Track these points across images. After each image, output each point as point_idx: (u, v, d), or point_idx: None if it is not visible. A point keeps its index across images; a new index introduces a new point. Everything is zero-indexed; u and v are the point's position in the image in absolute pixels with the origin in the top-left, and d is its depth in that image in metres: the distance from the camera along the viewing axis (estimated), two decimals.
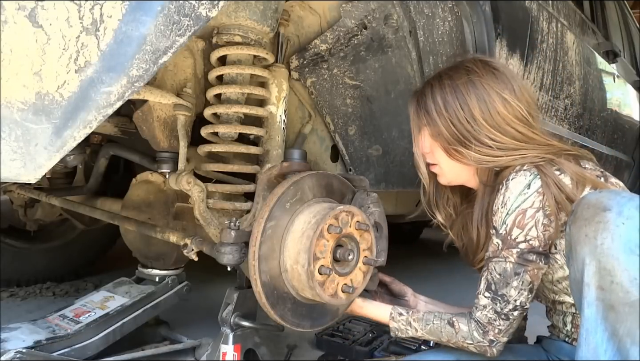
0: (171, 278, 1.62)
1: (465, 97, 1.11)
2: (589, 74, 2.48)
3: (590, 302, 0.89)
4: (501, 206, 1.07)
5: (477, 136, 1.10)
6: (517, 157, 1.08)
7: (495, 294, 1.06)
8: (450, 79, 1.14)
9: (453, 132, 1.12)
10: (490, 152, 1.10)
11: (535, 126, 1.13)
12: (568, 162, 1.08)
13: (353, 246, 1.17)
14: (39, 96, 0.75)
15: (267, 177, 1.24)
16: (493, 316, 1.06)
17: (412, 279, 1.50)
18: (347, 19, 1.37)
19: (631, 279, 0.84)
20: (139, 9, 0.78)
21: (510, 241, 1.05)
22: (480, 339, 1.07)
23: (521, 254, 1.04)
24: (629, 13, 4.17)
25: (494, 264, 1.07)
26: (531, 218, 1.04)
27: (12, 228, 2.32)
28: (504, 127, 1.09)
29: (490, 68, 1.14)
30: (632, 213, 0.87)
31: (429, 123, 1.17)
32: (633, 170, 3.68)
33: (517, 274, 1.04)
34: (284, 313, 1.14)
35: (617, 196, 0.91)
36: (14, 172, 0.76)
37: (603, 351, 0.87)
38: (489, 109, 1.09)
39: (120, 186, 1.96)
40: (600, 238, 0.87)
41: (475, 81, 1.11)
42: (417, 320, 1.17)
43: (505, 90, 1.10)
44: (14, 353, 1.22)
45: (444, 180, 1.25)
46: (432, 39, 1.40)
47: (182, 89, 1.34)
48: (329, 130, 1.59)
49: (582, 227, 0.91)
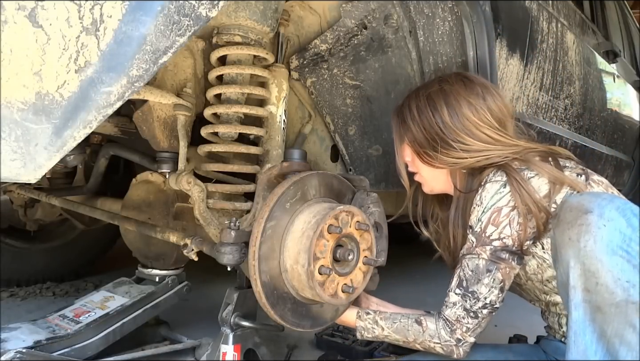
0: (171, 278, 1.62)
1: (436, 103, 1.17)
2: (589, 74, 2.48)
3: (577, 304, 0.90)
4: (477, 205, 1.11)
5: (444, 139, 1.15)
6: (481, 158, 1.13)
7: (466, 290, 1.08)
8: (425, 89, 1.22)
9: (424, 136, 1.18)
10: (455, 154, 1.15)
11: (503, 130, 1.17)
12: (545, 163, 1.11)
13: (353, 246, 1.17)
14: (39, 96, 0.75)
15: (267, 177, 1.24)
16: (462, 314, 1.08)
17: (412, 279, 1.50)
18: (347, 19, 1.37)
19: (615, 280, 0.86)
20: (139, 9, 0.78)
21: (484, 239, 1.08)
22: (447, 338, 1.09)
23: (494, 252, 1.07)
24: (629, 13, 4.17)
25: (467, 260, 1.10)
26: (506, 217, 1.07)
27: (12, 228, 2.32)
28: (472, 130, 1.14)
29: (461, 78, 1.21)
30: (612, 214, 0.89)
31: (405, 131, 1.23)
32: (633, 170, 3.68)
33: (489, 271, 1.06)
34: (284, 313, 1.14)
35: (597, 198, 0.94)
36: (14, 172, 0.76)
37: (593, 353, 0.89)
38: (457, 114, 1.15)
39: (120, 186, 1.95)
40: (583, 241, 0.89)
41: (446, 89, 1.18)
42: (383, 319, 1.19)
43: (472, 96, 1.16)
44: (14, 353, 1.22)
45: (426, 188, 1.29)
46: (432, 39, 1.40)
47: (182, 89, 1.34)
48: (329, 130, 1.59)
49: (566, 230, 0.93)
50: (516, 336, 1.56)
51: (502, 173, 1.10)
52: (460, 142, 1.14)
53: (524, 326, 1.80)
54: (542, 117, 2.03)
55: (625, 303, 0.85)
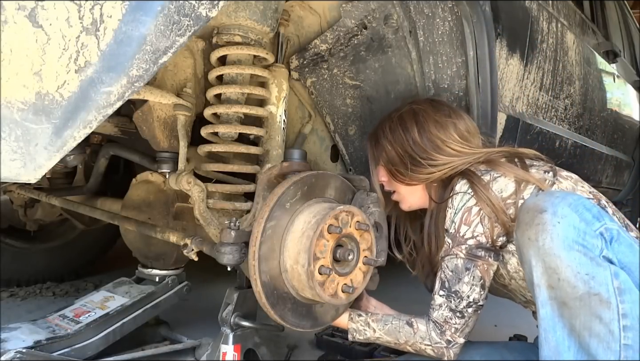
0: (171, 278, 1.62)
1: (407, 122, 1.24)
2: (589, 74, 2.48)
3: (543, 302, 0.93)
4: (450, 208, 1.16)
5: (413, 157, 1.22)
6: (447, 169, 1.19)
7: (449, 291, 1.12)
8: (397, 112, 1.29)
9: (396, 154, 1.24)
10: (425, 171, 1.21)
11: (467, 143, 1.23)
12: (509, 164, 1.16)
13: (353, 246, 1.17)
14: (39, 96, 0.75)
15: (267, 177, 1.24)
16: (449, 315, 1.11)
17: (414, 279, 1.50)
18: (347, 19, 1.37)
19: (575, 273, 0.88)
20: (139, 9, 0.78)
21: (459, 238, 1.13)
22: (438, 340, 1.12)
23: (470, 250, 1.11)
24: (629, 13, 4.17)
25: (446, 262, 1.14)
26: (476, 215, 1.12)
27: (12, 228, 2.32)
28: (439, 146, 1.21)
29: (430, 101, 1.30)
30: (565, 211, 0.92)
31: (379, 152, 1.29)
32: (633, 170, 3.68)
33: (468, 269, 1.11)
34: (284, 313, 1.14)
35: (551, 197, 0.97)
36: (14, 172, 0.76)
37: (566, 348, 0.90)
38: (425, 131, 1.21)
39: (120, 186, 1.95)
40: (541, 239, 0.92)
41: (415, 109, 1.25)
42: (375, 321, 1.21)
43: (439, 114, 1.23)
44: (14, 353, 1.22)
45: (405, 205, 1.32)
46: (432, 39, 1.40)
47: (182, 89, 1.34)
48: (329, 130, 1.59)
49: (525, 231, 0.96)
50: (516, 336, 1.57)
51: (465, 181, 1.15)
52: (428, 159, 1.20)
53: (524, 326, 1.80)
54: (542, 117, 2.03)
55: (588, 295, 0.87)
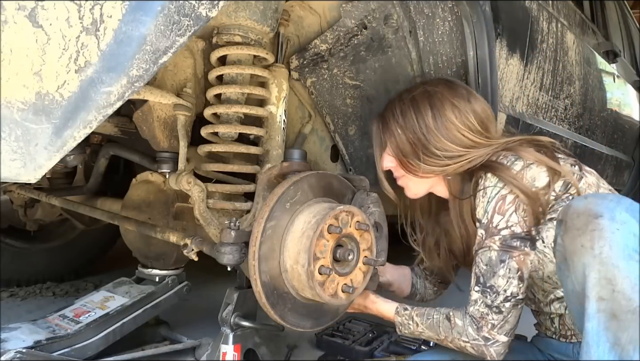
0: (171, 278, 1.62)
1: (420, 106, 1.15)
2: (589, 74, 2.48)
3: (591, 315, 0.86)
4: (482, 197, 1.09)
5: (427, 146, 1.14)
6: (464, 162, 1.13)
7: (484, 286, 1.06)
8: (408, 93, 1.20)
9: (407, 141, 1.16)
10: (439, 162, 1.14)
11: (484, 132, 1.16)
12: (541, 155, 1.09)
13: (353, 246, 1.17)
14: (39, 96, 0.75)
15: (267, 177, 1.24)
16: (485, 311, 1.05)
17: None
18: (347, 19, 1.37)
19: (632, 285, 0.82)
20: (139, 9, 0.78)
21: (492, 229, 1.06)
22: (475, 335, 1.06)
23: (504, 241, 1.05)
24: (629, 13, 4.17)
25: (480, 255, 1.08)
26: (511, 203, 1.05)
27: (12, 228, 2.32)
28: (455, 134, 1.13)
29: (445, 81, 1.21)
30: (624, 217, 0.86)
31: (388, 137, 1.21)
32: (633, 170, 3.68)
33: (503, 261, 1.04)
34: (284, 313, 1.14)
35: (604, 200, 0.90)
36: (14, 172, 0.76)
37: None
38: (441, 117, 1.13)
39: (120, 186, 1.95)
40: (598, 247, 0.85)
41: (430, 91, 1.17)
42: (419, 315, 1.17)
43: (456, 97, 1.15)
44: (14, 353, 1.22)
45: (410, 193, 1.27)
46: (432, 39, 1.40)
47: (182, 89, 1.34)
48: (329, 130, 1.59)
49: (577, 237, 0.88)
50: (516, 336, 1.56)
51: (490, 175, 1.09)
52: (443, 150, 1.13)
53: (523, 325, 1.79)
54: (542, 117, 2.03)
55: None
